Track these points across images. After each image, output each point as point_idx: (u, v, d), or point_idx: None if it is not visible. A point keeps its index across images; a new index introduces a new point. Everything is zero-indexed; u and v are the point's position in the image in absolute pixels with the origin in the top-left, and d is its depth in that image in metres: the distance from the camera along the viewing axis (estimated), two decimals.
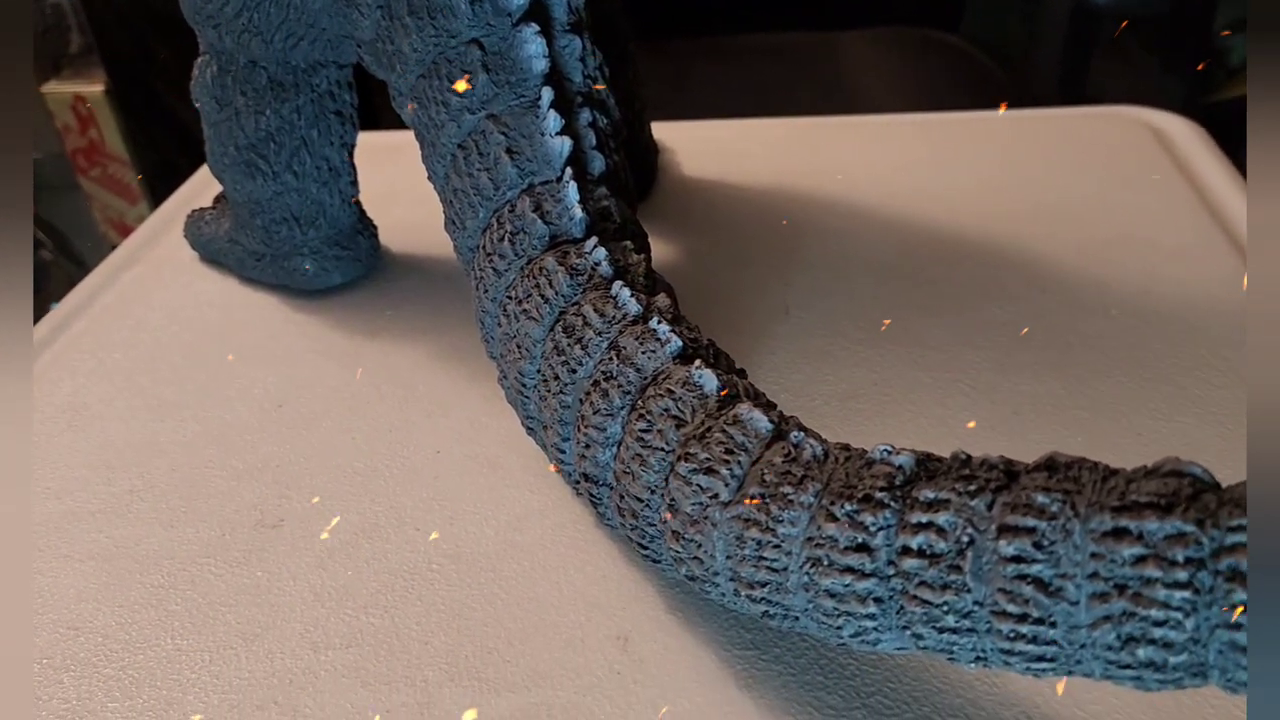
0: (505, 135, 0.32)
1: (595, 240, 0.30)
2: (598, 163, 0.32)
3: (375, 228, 0.46)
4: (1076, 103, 0.58)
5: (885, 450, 0.22)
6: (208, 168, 0.45)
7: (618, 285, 0.28)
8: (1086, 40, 0.78)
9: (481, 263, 0.32)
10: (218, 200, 0.49)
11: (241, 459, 0.36)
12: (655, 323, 0.27)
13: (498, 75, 0.32)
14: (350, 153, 0.43)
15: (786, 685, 0.26)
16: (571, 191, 0.31)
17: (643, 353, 0.27)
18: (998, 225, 0.47)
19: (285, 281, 0.45)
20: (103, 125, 0.96)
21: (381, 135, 0.58)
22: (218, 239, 0.47)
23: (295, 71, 0.40)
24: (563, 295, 0.29)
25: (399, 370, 0.40)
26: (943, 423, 0.35)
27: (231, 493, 0.34)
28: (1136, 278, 0.42)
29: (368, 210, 0.46)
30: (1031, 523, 0.19)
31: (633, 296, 0.28)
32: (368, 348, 0.41)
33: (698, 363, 0.26)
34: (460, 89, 0.32)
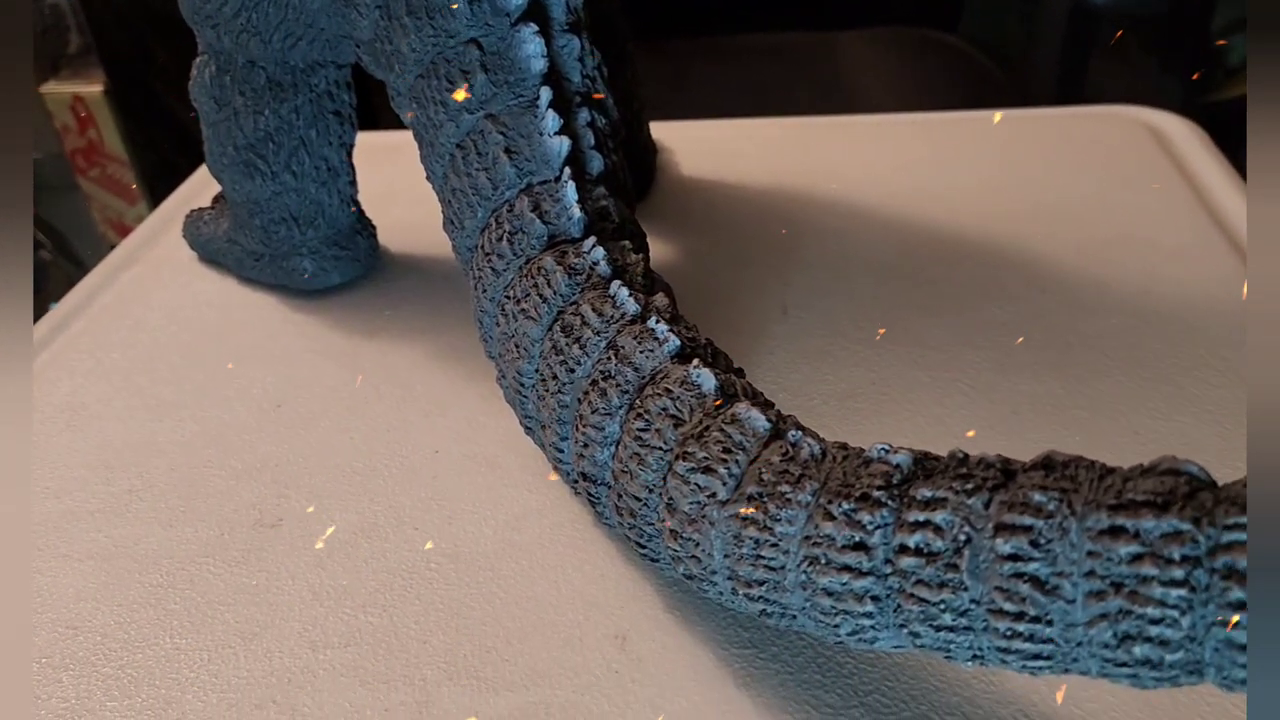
0: (503, 135, 0.32)
1: (593, 240, 0.30)
2: (596, 162, 0.32)
3: (374, 228, 0.46)
4: (1075, 103, 0.58)
5: (883, 449, 0.22)
6: (206, 168, 0.45)
7: (616, 285, 0.28)
8: (1085, 40, 0.78)
9: (480, 262, 0.32)
10: (216, 200, 0.49)
11: (240, 459, 0.36)
12: (653, 322, 0.27)
13: (496, 75, 0.32)
14: (349, 153, 0.43)
15: (784, 684, 0.26)
16: (570, 191, 0.31)
17: (641, 352, 0.27)
18: (997, 225, 0.47)
19: (284, 281, 0.45)
20: (101, 125, 0.96)
21: (380, 135, 0.58)
22: (216, 239, 0.47)
23: (294, 71, 0.40)
24: (561, 295, 0.29)
25: (397, 370, 0.40)
26: (941, 422, 0.35)
27: (230, 492, 0.35)
28: (1135, 278, 0.42)
29: (366, 210, 0.46)
30: (1028, 521, 0.19)
31: (631, 296, 0.28)
32: (366, 347, 0.41)
33: (695, 362, 0.26)
34: (459, 98, 0.32)
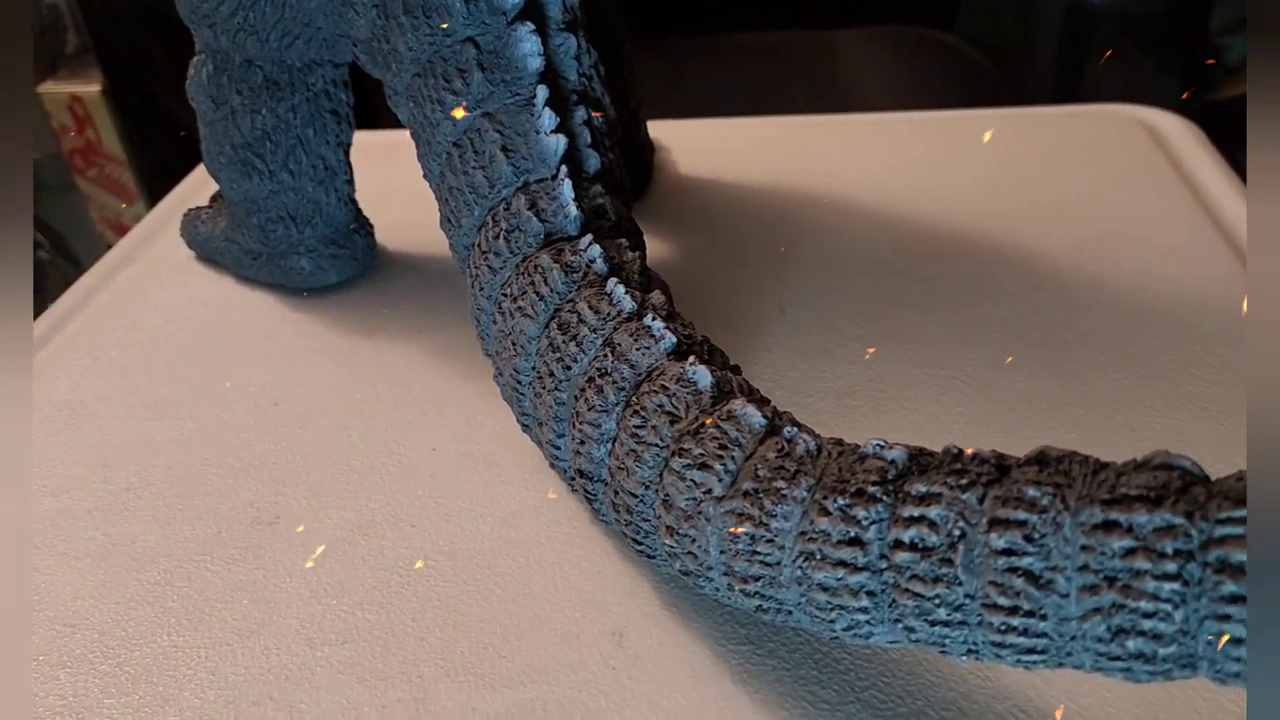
0: (500, 133, 0.32)
1: (590, 238, 0.30)
2: (593, 161, 0.32)
3: (371, 226, 0.46)
4: (1071, 101, 0.58)
5: (878, 445, 0.22)
6: (203, 167, 0.45)
7: (612, 282, 0.28)
8: (1082, 39, 0.78)
9: (477, 260, 0.32)
10: (214, 199, 0.49)
11: (238, 457, 0.36)
12: (649, 319, 0.27)
13: (493, 74, 0.32)
14: (346, 151, 0.43)
15: (781, 680, 0.27)
16: (566, 189, 0.31)
17: (637, 349, 0.27)
18: (993, 223, 0.47)
19: (281, 280, 0.45)
20: (99, 125, 0.96)
21: (378, 134, 0.58)
22: (214, 238, 0.47)
23: (291, 70, 0.41)
24: (558, 292, 0.29)
25: (395, 368, 0.40)
26: (938, 419, 0.35)
27: (228, 490, 0.35)
28: (1132, 275, 0.42)
29: (364, 209, 0.46)
30: (1022, 516, 0.19)
31: (627, 293, 0.28)
32: (364, 346, 0.41)
33: (692, 359, 0.26)
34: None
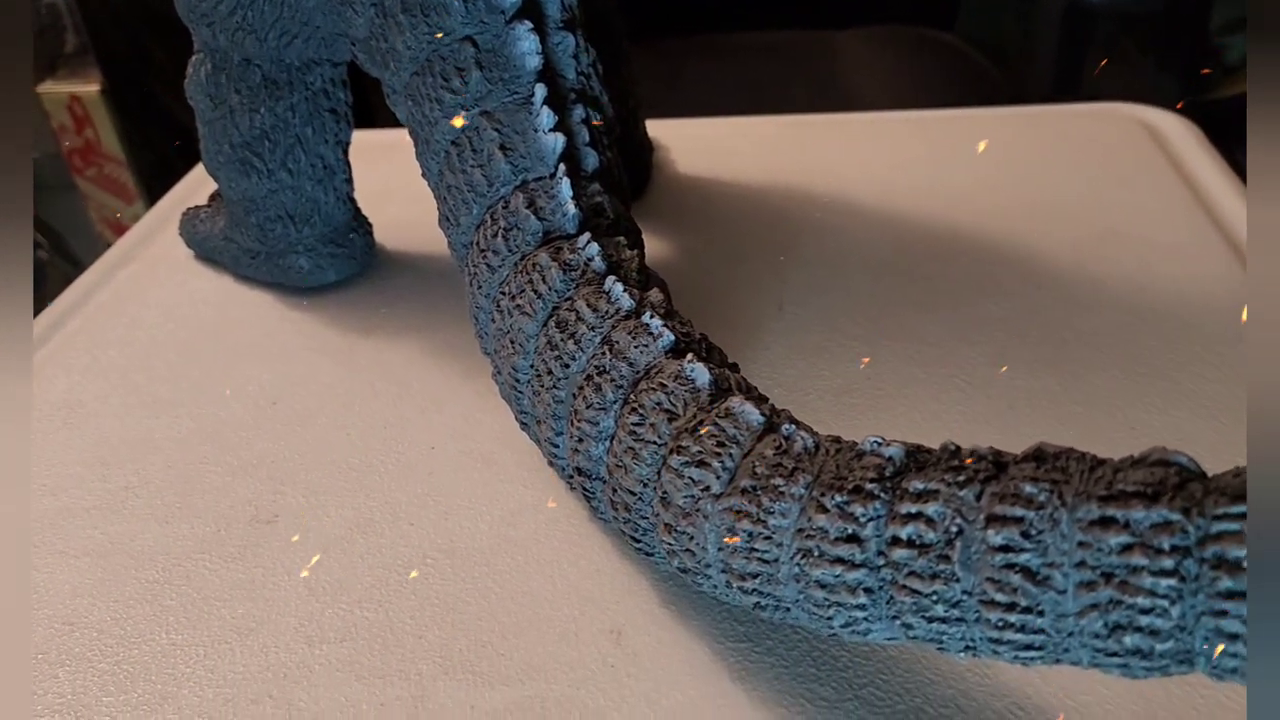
0: (499, 132, 0.32)
1: (588, 236, 0.30)
2: (591, 159, 0.32)
3: (370, 225, 0.46)
4: (1071, 100, 0.58)
5: (875, 442, 0.22)
6: (202, 166, 0.45)
7: (610, 280, 0.28)
8: (1081, 39, 0.78)
9: (475, 259, 0.32)
10: (213, 198, 0.49)
11: (236, 455, 0.36)
12: (647, 317, 0.27)
13: (491, 72, 0.32)
14: (345, 150, 0.43)
15: (779, 677, 0.27)
16: (565, 188, 0.31)
17: (635, 347, 0.27)
18: (993, 222, 0.47)
19: (280, 279, 0.45)
20: (98, 125, 0.96)
21: (376, 134, 0.58)
22: (213, 237, 0.47)
23: (289, 69, 0.41)
24: (556, 290, 0.29)
25: (393, 367, 0.40)
26: (937, 418, 0.35)
27: (226, 489, 0.35)
28: (1131, 274, 0.42)
29: (362, 208, 0.46)
30: (1019, 512, 0.19)
31: (625, 291, 0.28)
32: (362, 345, 0.41)
33: (689, 356, 0.26)
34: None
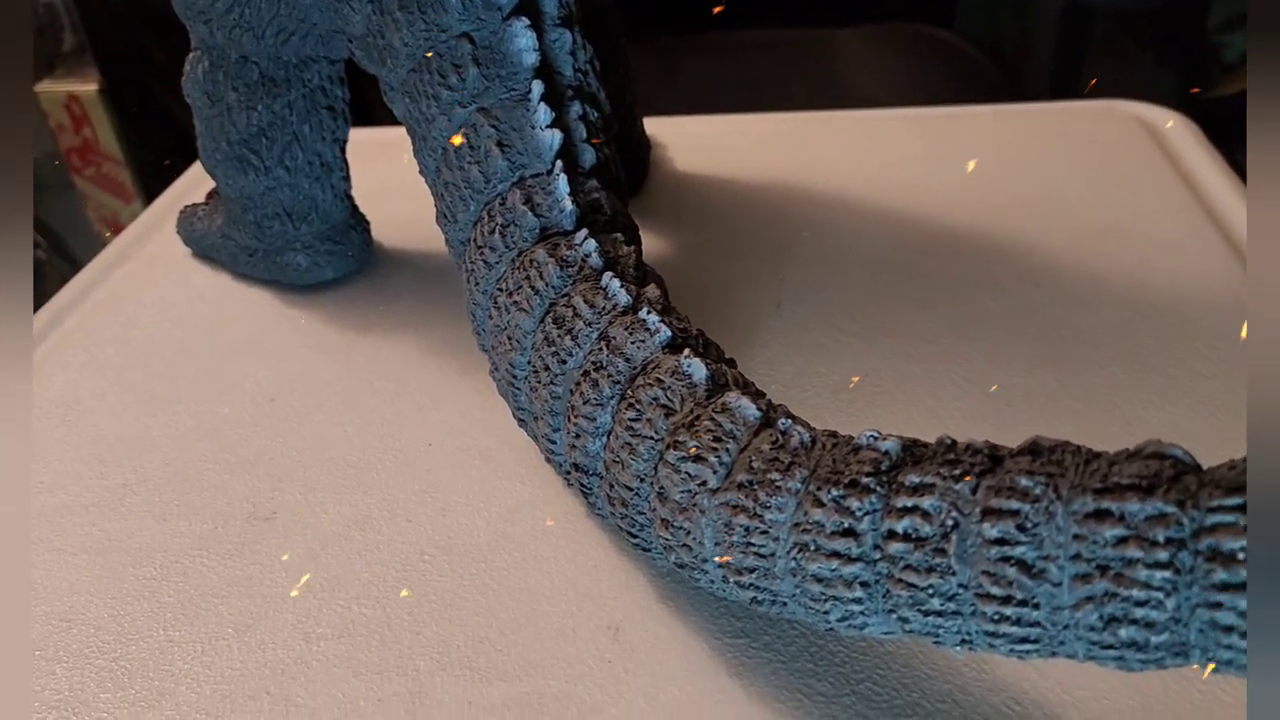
0: (496, 128, 0.32)
1: (585, 232, 0.30)
2: (588, 156, 0.32)
3: (367, 222, 0.46)
4: (1069, 98, 0.58)
5: (871, 436, 0.22)
6: (200, 164, 0.45)
7: (607, 276, 0.28)
8: (1080, 36, 0.78)
9: (472, 255, 0.32)
10: (210, 196, 0.49)
11: (234, 453, 0.36)
12: (644, 313, 0.27)
13: (488, 69, 0.32)
14: (342, 148, 0.43)
15: (777, 673, 0.27)
16: (562, 184, 0.31)
17: (632, 343, 0.27)
18: (991, 219, 0.47)
19: (277, 276, 0.45)
20: (96, 124, 0.96)
21: (374, 131, 0.58)
22: (210, 234, 0.47)
23: (287, 67, 0.41)
24: (553, 287, 0.29)
25: (391, 364, 0.40)
26: (934, 414, 0.35)
27: (224, 486, 0.35)
28: (1129, 271, 0.42)
29: (360, 205, 0.46)
30: (1015, 505, 0.19)
31: (622, 287, 0.28)
32: (360, 342, 0.41)
33: (686, 352, 0.26)
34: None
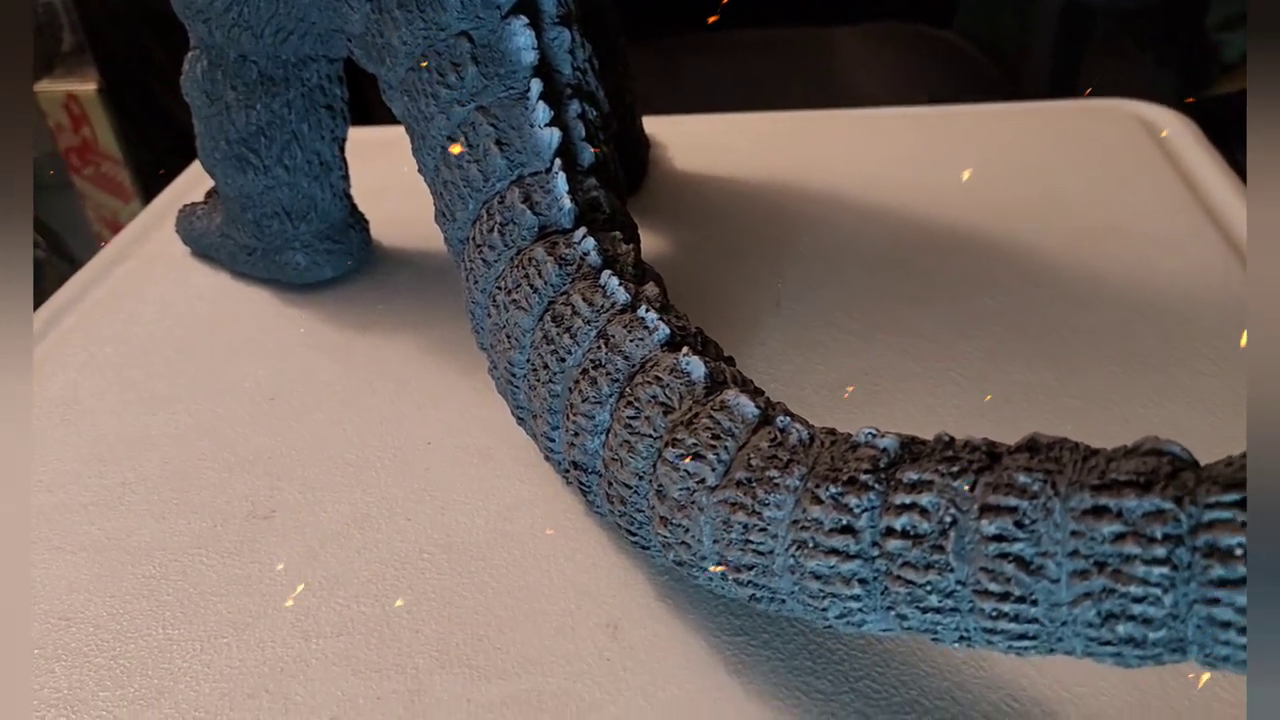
0: (494, 127, 0.32)
1: (584, 230, 0.30)
2: (587, 154, 0.32)
3: (366, 221, 0.46)
4: (1068, 97, 0.58)
5: (870, 433, 0.22)
6: (198, 163, 0.45)
7: (606, 274, 0.28)
8: (1079, 35, 0.78)
9: (471, 254, 0.32)
10: (209, 195, 0.49)
11: (233, 451, 0.36)
12: (643, 311, 0.27)
13: (487, 67, 0.32)
14: (341, 147, 0.43)
15: (775, 670, 0.27)
16: (560, 182, 0.31)
17: (631, 341, 0.27)
18: (990, 218, 0.47)
19: (276, 275, 0.45)
20: (95, 124, 0.96)
21: (373, 130, 0.58)
22: (209, 234, 0.47)
23: (285, 66, 0.41)
24: (551, 285, 0.29)
25: (390, 363, 0.40)
26: (933, 412, 0.35)
27: (223, 484, 0.35)
28: (1128, 269, 0.42)
29: (359, 204, 0.46)
30: (1013, 502, 0.19)
31: (621, 285, 0.28)
32: (359, 341, 0.41)
33: (685, 350, 0.26)
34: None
